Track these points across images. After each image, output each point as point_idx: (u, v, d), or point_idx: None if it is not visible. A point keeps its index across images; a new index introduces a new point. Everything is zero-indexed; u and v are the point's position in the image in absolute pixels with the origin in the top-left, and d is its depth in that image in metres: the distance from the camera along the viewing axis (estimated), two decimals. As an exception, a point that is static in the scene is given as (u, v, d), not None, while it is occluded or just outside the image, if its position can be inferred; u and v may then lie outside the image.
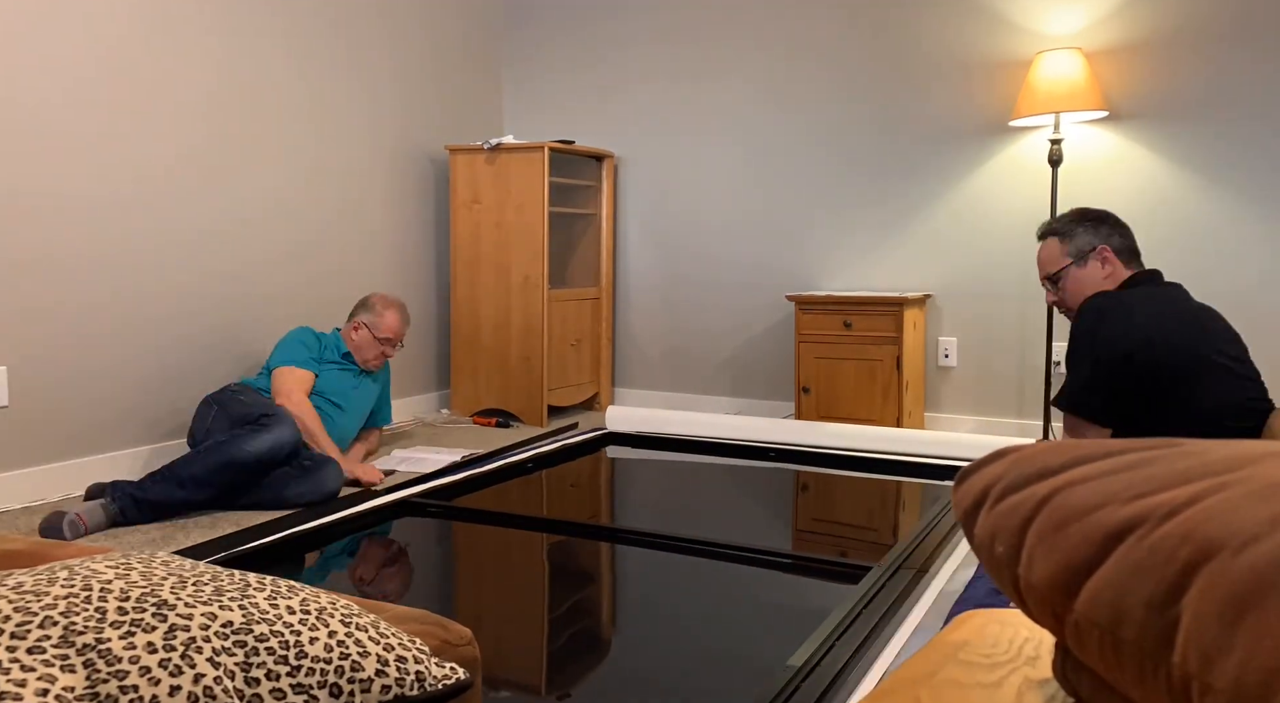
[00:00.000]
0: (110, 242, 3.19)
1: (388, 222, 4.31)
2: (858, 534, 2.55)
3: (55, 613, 0.75)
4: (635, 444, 3.70)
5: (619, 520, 2.72)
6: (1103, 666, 0.56)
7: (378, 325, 3.44)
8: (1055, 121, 3.63)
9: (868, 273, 4.22)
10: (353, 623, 0.88)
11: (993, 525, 0.66)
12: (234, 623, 0.81)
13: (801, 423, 3.58)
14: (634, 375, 4.75)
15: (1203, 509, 0.52)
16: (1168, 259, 3.69)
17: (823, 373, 3.89)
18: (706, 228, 4.54)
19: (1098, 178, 3.78)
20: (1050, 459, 0.67)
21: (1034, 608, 0.62)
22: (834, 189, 4.26)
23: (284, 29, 3.76)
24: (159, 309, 3.35)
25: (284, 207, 3.80)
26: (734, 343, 4.51)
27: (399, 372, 4.40)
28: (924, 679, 0.81)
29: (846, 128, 4.22)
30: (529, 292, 4.27)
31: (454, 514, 2.72)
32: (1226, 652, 0.45)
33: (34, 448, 3.01)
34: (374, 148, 4.22)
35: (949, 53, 4.02)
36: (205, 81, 3.47)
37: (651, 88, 4.61)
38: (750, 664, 1.73)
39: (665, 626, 1.92)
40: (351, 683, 0.83)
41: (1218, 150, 3.60)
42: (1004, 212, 3.95)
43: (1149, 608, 0.51)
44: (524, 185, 4.26)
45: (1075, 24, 3.79)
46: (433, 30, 4.51)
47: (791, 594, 2.10)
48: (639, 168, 4.67)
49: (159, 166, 3.33)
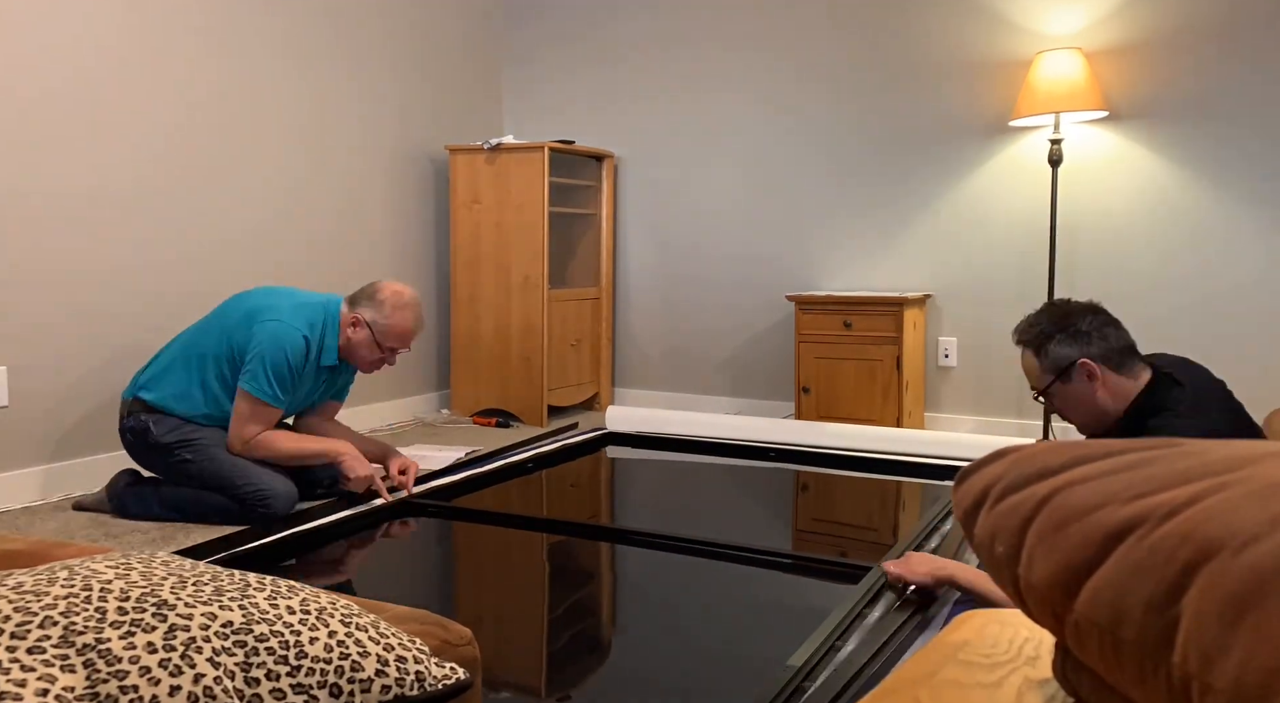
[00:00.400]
0: (110, 243, 3.19)
1: (388, 222, 4.31)
2: (858, 534, 2.55)
3: (55, 613, 0.75)
4: (635, 444, 3.70)
5: (619, 520, 2.72)
6: (1103, 666, 0.56)
7: (384, 330, 2.78)
8: (1055, 121, 3.63)
9: (868, 273, 4.22)
10: (353, 623, 0.88)
11: (993, 526, 0.66)
12: (234, 623, 0.81)
13: (801, 423, 3.58)
14: (634, 375, 4.75)
15: (1203, 509, 0.52)
16: (1168, 259, 3.69)
17: (823, 373, 3.89)
18: (706, 228, 4.54)
19: (1098, 178, 3.78)
20: (1050, 459, 0.67)
21: (1034, 608, 0.62)
22: (834, 189, 4.26)
23: (284, 29, 3.76)
24: (158, 309, 3.35)
25: (284, 207, 3.80)
26: (734, 343, 4.51)
27: (398, 370, 4.40)
28: (924, 679, 0.81)
29: (846, 128, 4.22)
30: (529, 292, 4.27)
31: (454, 514, 2.72)
32: (1226, 652, 0.45)
33: (34, 448, 3.01)
34: (374, 148, 4.22)
35: (949, 53, 4.02)
36: (205, 83, 3.47)
37: (652, 88, 4.61)
38: (750, 664, 1.73)
39: (665, 625, 1.91)
40: (351, 683, 0.83)
41: (1218, 150, 3.60)
42: (1004, 212, 3.95)
43: (1149, 608, 0.51)
44: (524, 185, 4.26)
45: (1075, 24, 3.79)
46: (433, 30, 4.51)
47: (791, 594, 2.10)
48: (639, 168, 4.67)
49: (158, 167, 3.33)
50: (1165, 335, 3.70)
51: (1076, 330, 2.04)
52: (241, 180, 3.62)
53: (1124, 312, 3.75)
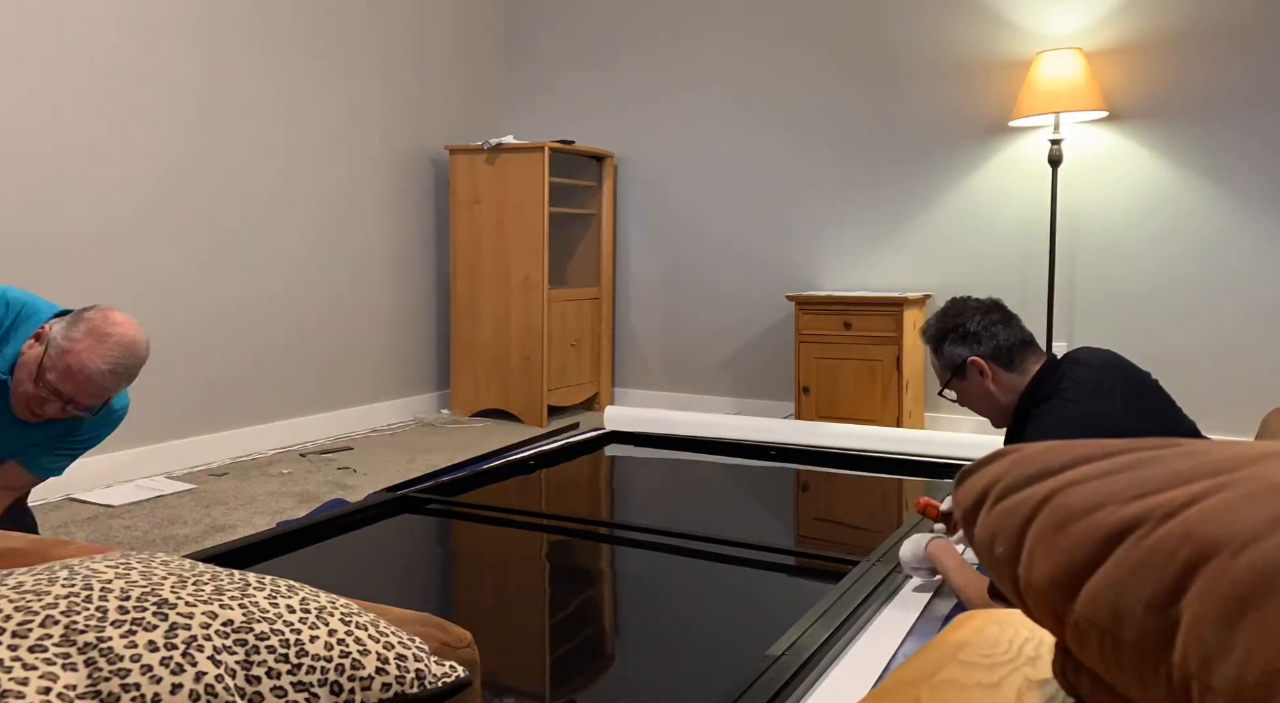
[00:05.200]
0: (109, 244, 3.19)
1: (388, 222, 4.31)
2: (856, 533, 2.56)
3: (56, 612, 0.76)
4: (635, 443, 3.70)
5: (617, 517, 2.72)
6: (1103, 666, 0.56)
7: (57, 353, 1.91)
8: (1055, 122, 3.63)
9: (868, 273, 4.22)
10: (352, 622, 0.88)
11: (993, 526, 0.66)
12: (234, 622, 0.81)
13: (801, 423, 3.58)
14: (634, 375, 4.75)
15: (1203, 510, 0.52)
16: (1168, 258, 3.69)
17: (823, 373, 3.89)
18: (706, 228, 4.54)
19: (1097, 178, 3.78)
20: (1050, 459, 0.67)
21: (1034, 608, 0.62)
22: (834, 189, 4.26)
23: (284, 30, 3.76)
24: (157, 309, 3.35)
25: (284, 206, 3.79)
26: (734, 343, 4.51)
27: (398, 371, 4.40)
28: (924, 679, 0.82)
29: (847, 128, 4.22)
30: (529, 292, 4.27)
31: (454, 511, 2.72)
32: (1226, 652, 0.45)
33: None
34: (374, 148, 4.22)
35: (949, 53, 4.02)
36: (203, 84, 3.47)
37: (652, 88, 4.61)
38: (737, 655, 1.74)
39: (659, 618, 1.92)
40: (352, 681, 0.84)
41: (1218, 150, 3.60)
42: (1004, 212, 3.95)
43: (1149, 608, 0.51)
44: (524, 185, 4.26)
45: (1075, 24, 3.79)
46: (433, 31, 4.51)
47: (788, 588, 2.10)
48: (639, 168, 4.67)
49: (158, 168, 3.33)
50: (1165, 334, 3.70)
51: (966, 332, 2.16)
52: (241, 180, 3.62)
53: (1124, 311, 3.75)
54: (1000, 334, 2.15)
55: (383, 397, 4.29)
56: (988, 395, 2.14)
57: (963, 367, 2.14)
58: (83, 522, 2.77)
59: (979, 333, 2.15)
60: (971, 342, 2.15)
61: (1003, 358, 2.14)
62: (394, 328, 4.36)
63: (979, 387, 2.14)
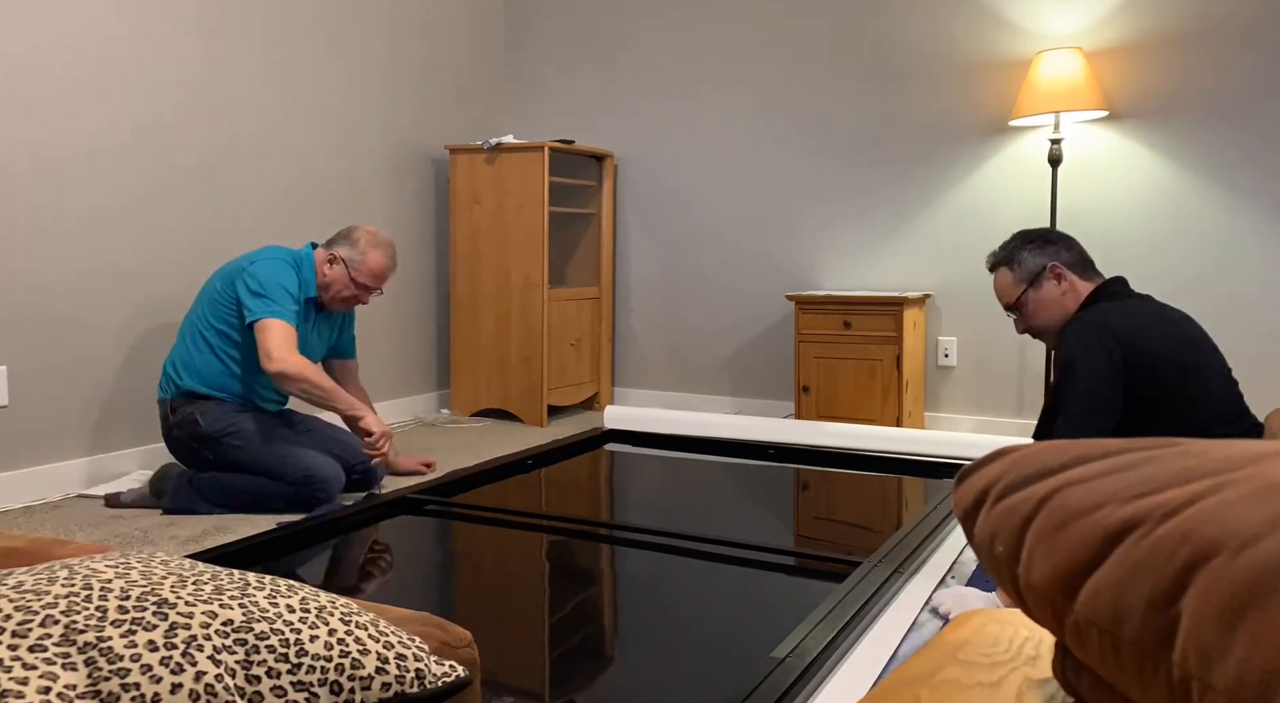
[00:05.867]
0: (109, 244, 3.19)
1: (388, 221, 4.31)
2: (857, 533, 2.56)
3: (56, 612, 0.76)
4: (635, 443, 3.71)
5: (617, 517, 2.72)
6: (1102, 665, 0.56)
7: (357, 266, 2.94)
8: (1055, 121, 3.63)
9: (867, 273, 4.22)
10: (352, 621, 0.88)
11: (992, 525, 0.66)
12: (234, 621, 0.81)
13: (801, 423, 3.58)
14: (634, 375, 4.75)
15: (1202, 509, 0.52)
16: (1167, 259, 3.69)
17: (823, 373, 3.89)
18: (706, 227, 4.54)
19: (1098, 178, 3.78)
20: (1050, 459, 0.67)
21: (1034, 608, 0.62)
22: (834, 189, 4.26)
23: (283, 28, 3.76)
24: (157, 310, 3.35)
25: (284, 206, 3.80)
26: (734, 343, 4.51)
27: (397, 370, 4.40)
28: (924, 679, 0.82)
29: (846, 127, 4.22)
30: (529, 292, 4.27)
31: (452, 512, 2.73)
32: (1226, 652, 0.45)
33: (34, 448, 3.01)
34: (374, 148, 4.22)
35: (949, 53, 4.02)
36: (202, 83, 3.47)
37: (652, 88, 4.61)
38: (741, 657, 1.74)
39: (660, 620, 1.92)
40: (352, 681, 0.84)
41: (1218, 150, 3.60)
42: (1004, 212, 3.95)
43: (1149, 608, 0.51)
44: (524, 185, 4.26)
45: (1075, 24, 3.79)
46: (433, 30, 4.51)
47: (789, 589, 2.10)
48: (639, 168, 4.67)
49: (157, 168, 3.33)
50: (1165, 336, 3.70)
51: (1045, 240, 2.31)
52: (241, 180, 3.62)
53: (1124, 312, 3.75)
54: (1076, 247, 2.31)
55: (382, 396, 4.29)
56: (1059, 304, 2.27)
57: (1040, 274, 2.27)
58: (83, 522, 2.77)
59: (1057, 243, 2.30)
60: (1050, 251, 2.30)
61: (1078, 268, 2.29)
62: (393, 327, 4.36)
63: (1053, 294, 2.27)
